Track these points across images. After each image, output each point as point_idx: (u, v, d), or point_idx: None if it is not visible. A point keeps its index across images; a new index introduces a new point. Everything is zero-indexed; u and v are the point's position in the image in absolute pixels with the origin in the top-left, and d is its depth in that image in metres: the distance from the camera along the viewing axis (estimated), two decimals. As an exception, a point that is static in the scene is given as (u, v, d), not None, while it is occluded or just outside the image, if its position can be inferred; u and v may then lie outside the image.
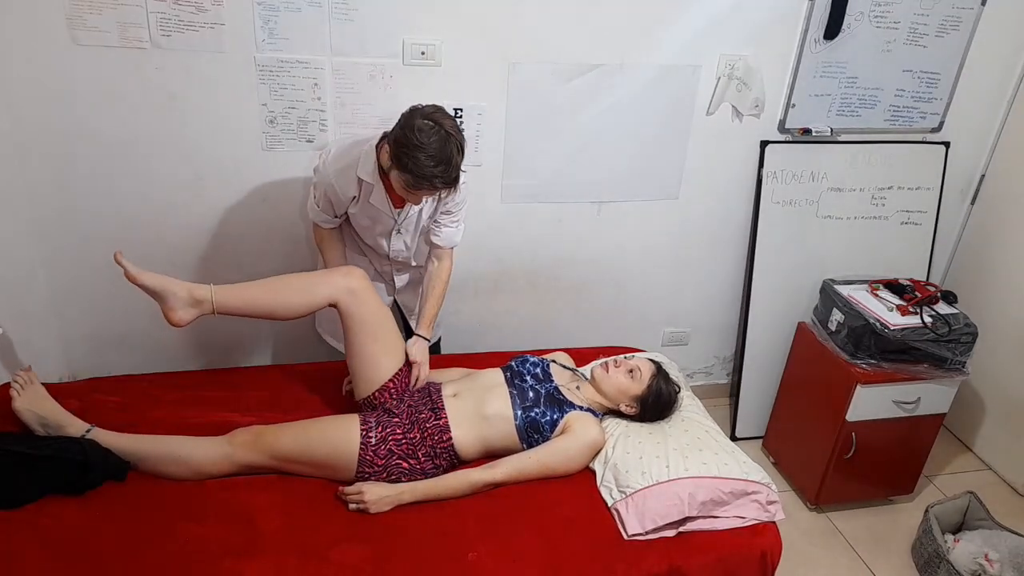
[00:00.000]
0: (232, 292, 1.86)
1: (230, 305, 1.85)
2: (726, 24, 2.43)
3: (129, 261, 1.76)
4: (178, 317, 1.81)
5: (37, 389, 1.84)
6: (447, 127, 1.76)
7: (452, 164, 1.76)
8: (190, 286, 1.82)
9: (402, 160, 1.75)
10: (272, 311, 1.91)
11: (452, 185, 1.81)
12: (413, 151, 1.73)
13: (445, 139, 1.74)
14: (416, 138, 1.72)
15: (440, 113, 1.78)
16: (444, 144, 1.74)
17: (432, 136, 1.73)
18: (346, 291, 1.93)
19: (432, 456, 1.89)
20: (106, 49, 2.05)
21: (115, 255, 1.76)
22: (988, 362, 2.85)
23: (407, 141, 1.74)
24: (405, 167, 1.75)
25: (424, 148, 1.72)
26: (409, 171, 1.75)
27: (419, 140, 1.72)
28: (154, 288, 1.79)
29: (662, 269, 2.85)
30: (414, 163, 1.73)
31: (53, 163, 2.16)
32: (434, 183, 1.77)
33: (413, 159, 1.73)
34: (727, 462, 1.90)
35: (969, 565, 2.27)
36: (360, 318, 1.95)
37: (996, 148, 2.89)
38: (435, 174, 1.74)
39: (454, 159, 1.76)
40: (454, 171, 1.78)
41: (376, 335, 1.98)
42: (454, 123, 1.79)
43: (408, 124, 1.75)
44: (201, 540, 1.64)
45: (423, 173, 1.74)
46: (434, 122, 1.75)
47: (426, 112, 1.77)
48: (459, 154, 1.78)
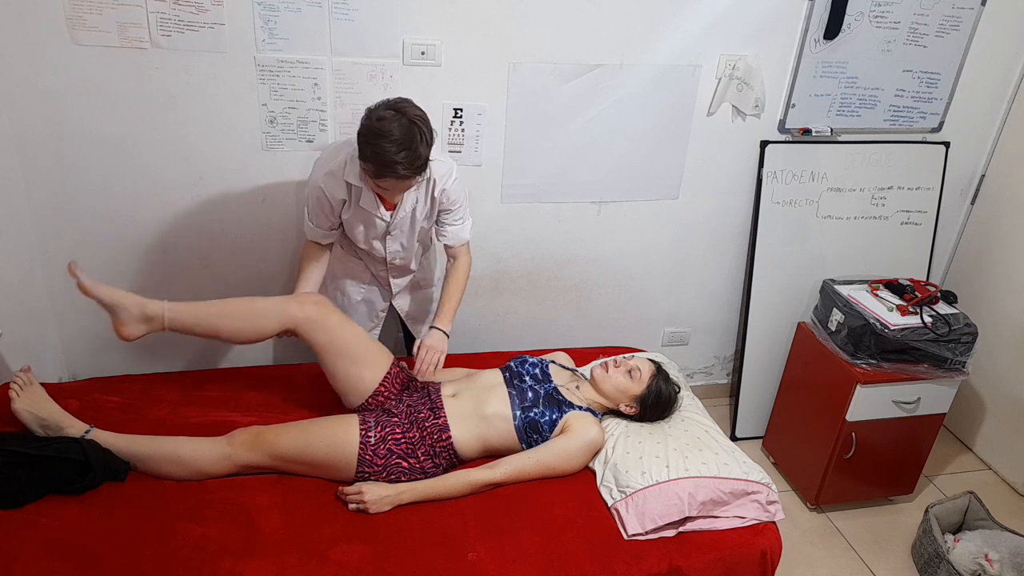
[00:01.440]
0: (184, 311, 1.88)
1: (181, 324, 1.88)
2: (726, 24, 2.43)
3: (83, 273, 1.79)
4: (128, 331, 1.84)
5: (36, 390, 1.84)
6: (410, 115, 1.74)
7: (414, 150, 1.73)
8: (143, 302, 1.84)
9: (364, 150, 1.75)
10: (221, 334, 1.91)
11: (418, 172, 1.78)
12: (374, 139, 1.72)
13: (407, 126, 1.72)
14: (377, 126, 1.72)
15: (405, 103, 1.78)
16: (406, 130, 1.72)
17: (393, 123, 1.71)
18: (303, 320, 1.91)
19: (431, 456, 1.89)
20: (106, 49, 2.05)
21: (69, 265, 1.79)
22: (988, 362, 2.85)
23: (368, 130, 1.73)
24: (367, 156, 1.75)
25: (385, 135, 1.70)
26: (370, 159, 1.74)
27: (380, 128, 1.71)
28: (106, 301, 1.82)
29: (662, 269, 2.85)
30: (374, 150, 1.72)
31: (53, 163, 2.16)
32: (396, 170, 1.73)
33: (373, 146, 1.72)
34: (727, 462, 1.90)
35: (969, 565, 2.27)
36: (325, 344, 1.93)
37: (996, 148, 2.89)
38: (397, 160, 1.72)
39: (417, 146, 1.73)
40: (417, 157, 1.75)
41: (349, 354, 1.96)
42: (419, 112, 1.77)
43: (370, 114, 1.75)
44: (201, 540, 1.64)
45: (384, 160, 1.72)
46: (396, 110, 1.74)
47: (390, 103, 1.77)
48: (422, 141, 1.75)
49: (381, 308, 2.32)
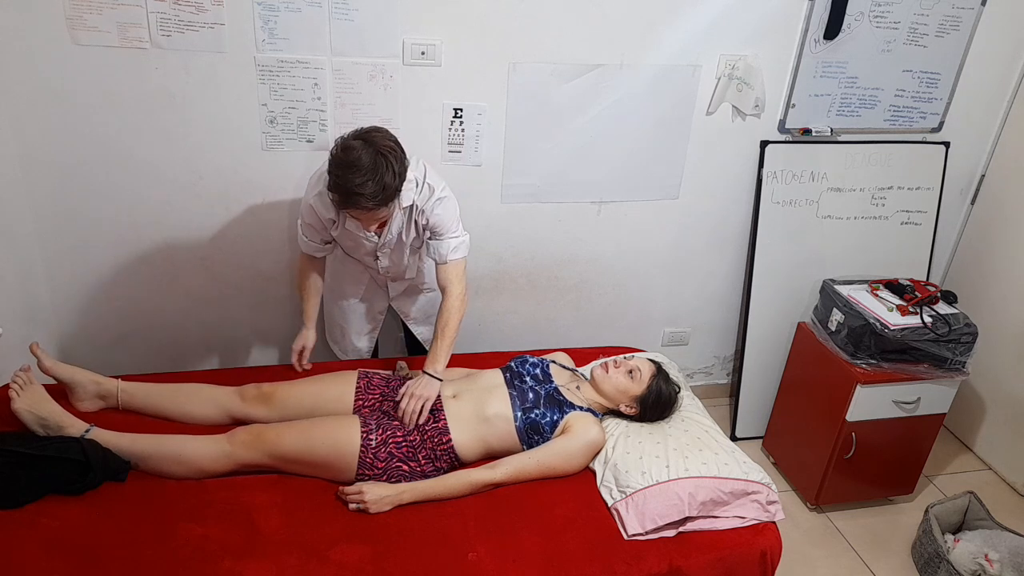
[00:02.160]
0: (138, 393, 1.96)
1: (134, 406, 1.96)
2: (726, 24, 2.43)
3: (44, 353, 1.90)
4: (83, 407, 1.92)
5: (36, 389, 1.84)
6: (378, 145, 1.71)
7: (379, 181, 1.69)
8: (99, 380, 1.94)
9: (332, 180, 1.72)
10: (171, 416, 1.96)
11: (384, 204, 1.74)
12: (340, 169, 1.70)
13: (374, 156, 1.69)
14: (343, 156, 1.70)
15: (376, 132, 1.75)
16: (373, 161, 1.69)
17: (360, 152, 1.69)
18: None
19: (432, 459, 1.89)
20: (106, 49, 2.05)
21: (31, 347, 1.88)
22: (988, 362, 2.85)
23: (335, 160, 1.72)
24: (332, 187, 1.73)
25: (350, 166, 1.68)
26: (335, 190, 1.72)
27: (346, 158, 1.69)
28: (63, 379, 1.91)
29: (662, 269, 2.85)
30: (337, 181, 1.70)
31: (53, 163, 2.16)
32: (360, 201, 1.70)
33: (338, 177, 1.70)
34: (727, 462, 1.90)
35: (969, 565, 2.27)
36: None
37: (996, 148, 2.89)
38: (361, 192, 1.68)
39: (383, 176, 1.69)
40: (384, 188, 1.70)
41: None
42: (390, 143, 1.74)
43: (339, 145, 1.74)
44: (201, 540, 1.64)
45: (348, 190, 1.69)
46: (365, 140, 1.72)
47: (360, 132, 1.75)
48: (389, 171, 1.71)
49: (380, 310, 2.33)
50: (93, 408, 1.94)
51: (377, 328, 2.36)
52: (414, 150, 2.37)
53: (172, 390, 1.99)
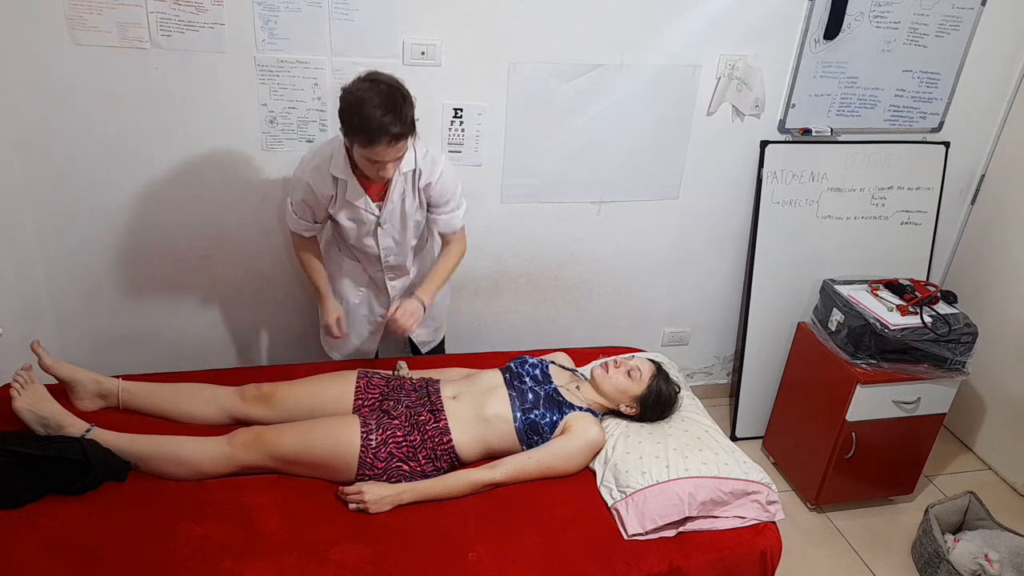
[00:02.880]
0: (138, 393, 1.96)
1: (135, 405, 1.96)
2: (726, 24, 2.43)
3: (44, 351, 1.90)
4: (83, 406, 1.93)
5: (37, 388, 1.84)
6: (384, 80, 1.77)
7: (399, 111, 1.74)
8: (99, 379, 1.94)
9: (351, 123, 1.75)
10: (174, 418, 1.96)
11: (407, 133, 1.78)
12: (357, 107, 1.73)
13: (386, 91, 1.75)
14: (357, 96, 1.73)
15: (376, 73, 1.80)
16: (387, 95, 1.74)
17: (371, 90, 1.74)
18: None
19: (433, 459, 1.89)
20: (106, 49, 2.05)
21: (32, 345, 1.89)
22: (988, 362, 2.85)
23: (350, 106, 1.74)
24: (355, 128, 1.74)
25: (367, 101, 1.72)
26: (358, 129, 1.74)
27: (361, 96, 1.73)
28: (64, 378, 1.92)
29: (662, 269, 2.85)
30: (360, 119, 1.72)
31: (53, 163, 2.16)
32: (388, 130, 1.73)
33: (359, 115, 1.72)
34: (727, 462, 1.90)
35: (969, 565, 2.27)
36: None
37: (996, 148, 2.89)
38: (385, 122, 1.72)
39: (401, 106, 1.75)
40: (404, 117, 1.75)
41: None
42: (393, 78, 1.80)
43: (347, 91, 1.77)
44: (201, 540, 1.64)
45: (372, 125, 1.72)
46: (371, 80, 1.76)
47: (362, 76, 1.79)
48: (405, 102, 1.76)
49: (380, 314, 2.30)
50: (93, 407, 1.94)
51: (379, 332, 2.34)
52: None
53: (172, 390, 1.99)
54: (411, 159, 1.97)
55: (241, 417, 1.96)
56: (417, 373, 2.17)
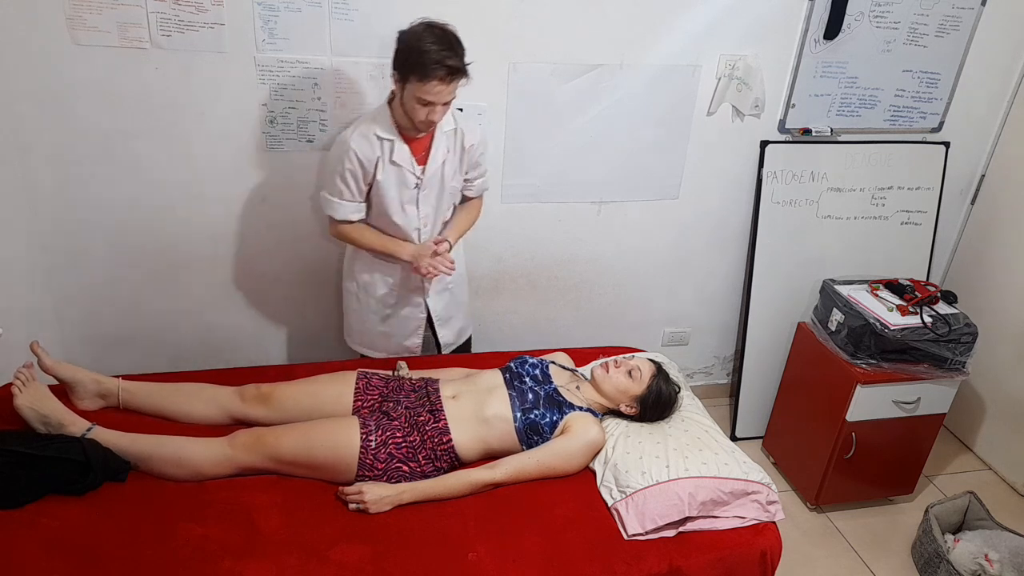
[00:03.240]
0: (139, 393, 1.97)
1: (135, 405, 1.96)
2: (726, 24, 2.43)
3: (44, 352, 1.90)
4: (84, 406, 1.92)
5: (38, 387, 1.84)
6: (440, 24, 1.87)
7: (456, 49, 1.85)
8: (99, 379, 1.94)
9: (407, 61, 1.84)
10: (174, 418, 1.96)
11: (462, 69, 1.86)
12: (417, 42, 1.82)
13: (441, 32, 1.85)
14: (416, 33, 1.84)
15: (429, 19, 1.89)
16: (444, 35, 1.85)
17: (427, 30, 1.84)
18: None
19: (432, 459, 1.89)
20: (106, 49, 2.05)
21: (31, 345, 1.89)
22: (988, 362, 2.85)
23: (408, 44, 1.84)
24: (413, 66, 1.83)
25: (424, 38, 1.82)
26: (417, 65, 1.82)
27: (419, 34, 1.83)
28: (64, 378, 1.92)
29: (662, 269, 2.85)
30: (418, 55, 1.81)
31: (53, 163, 2.16)
32: (445, 64, 1.81)
33: (417, 52, 1.82)
34: (727, 462, 1.90)
35: (969, 565, 2.27)
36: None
37: (996, 148, 2.89)
38: (443, 57, 1.81)
39: (455, 44, 1.85)
40: (460, 56, 1.85)
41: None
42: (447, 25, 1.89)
43: (402, 34, 1.87)
44: (201, 540, 1.64)
45: (430, 59, 1.81)
46: (425, 23, 1.87)
47: (416, 22, 1.88)
48: (459, 43, 1.87)
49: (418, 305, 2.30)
50: (94, 407, 1.94)
51: (421, 326, 2.35)
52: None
53: (172, 390, 1.99)
54: (451, 119, 2.08)
55: (240, 417, 1.96)
56: (417, 373, 2.17)
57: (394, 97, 2.00)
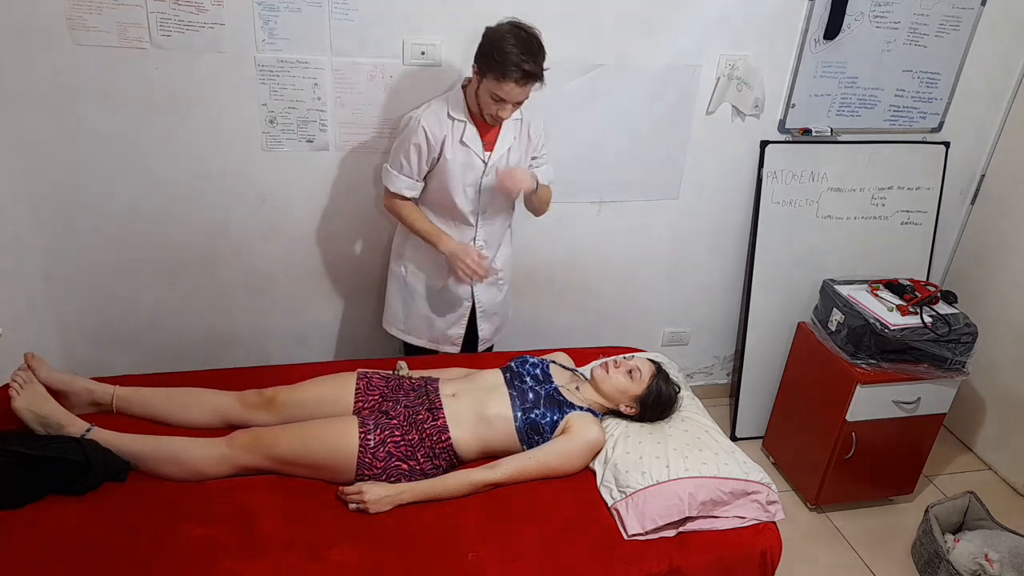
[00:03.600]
0: (134, 400, 1.96)
1: (131, 412, 1.96)
2: (726, 24, 2.43)
3: (38, 361, 1.89)
4: (78, 413, 1.90)
5: (37, 388, 1.84)
6: (525, 28, 1.93)
7: (535, 53, 1.91)
8: (92, 389, 1.94)
9: (488, 58, 1.91)
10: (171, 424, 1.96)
11: (539, 74, 1.92)
12: (499, 44, 1.89)
13: (525, 36, 1.91)
14: (500, 33, 1.91)
15: (518, 21, 1.95)
16: (527, 39, 1.91)
17: (512, 32, 1.90)
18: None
19: (431, 457, 1.89)
20: (106, 49, 2.05)
21: (25, 356, 1.88)
22: (988, 362, 2.85)
23: (491, 41, 1.91)
24: (492, 64, 1.90)
25: (507, 39, 1.89)
26: (496, 64, 1.89)
27: (503, 34, 1.90)
28: (58, 388, 1.90)
29: (662, 269, 2.85)
30: (500, 55, 1.88)
31: (53, 163, 2.16)
32: (522, 67, 1.88)
33: (499, 51, 1.88)
34: (727, 462, 1.90)
35: (969, 565, 2.27)
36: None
37: (996, 148, 2.89)
38: (522, 61, 1.88)
39: (537, 50, 1.91)
40: (539, 60, 1.91)
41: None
42: (534, 28, 1.94)
43: (489, 30, 1.94)
44: (201, 540, 1.64)
45: (510, 61, 1.87)
46: (513, 24, 1.93)
47: (504, 21, 1.95)
48: (540, 50, 1.93)
49: (465, 295, 2.33)
50: (88, 413, 1.93)
51: (465, 316, 2.37)
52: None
53: (168, 396, 1.98)
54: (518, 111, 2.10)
55: (240, 423, 1.95)
56: (417, 373, 2.17)
57: (469, 83, 2.07)
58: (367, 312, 2.66)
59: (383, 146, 2.36)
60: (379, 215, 2.48)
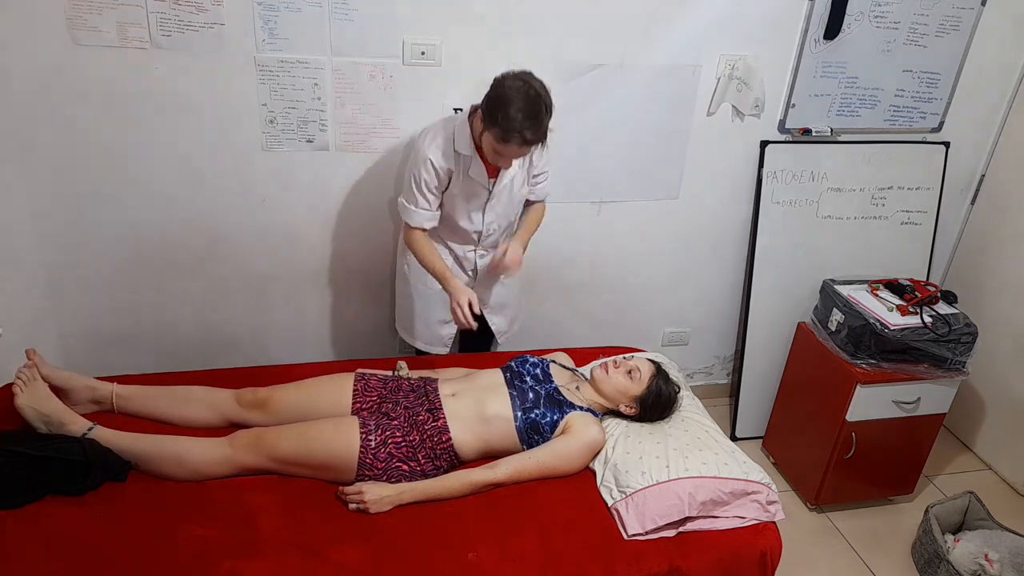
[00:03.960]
0: (134, 397, 1.96)
1: (131, 410, 1.96)
2: (726, 24, 2.43)
3: (39, 358, 1.88)
4: (79, 411, 1.90)
5: (40, 386, 1.84)
6: (536, 87, 1.87)
7: (540, 119, 1.87)
8: (93, 386, 1.94)
9: (493, 116, 1.87)
10: (170, 422, 1.96)
11: (540, 140, 1.90)
12: (504, 106, 1.84)
13: (535, 97, 1.85)
14: (506, 94, 1.85)
15: (529, 75, 1.90)
16: (534, 101, 1.85)
17: (521, 93, 1.85)
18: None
19: (432, 458, 1.89)
20: (106, 49, 2.05)
21: (27, 352, 1.87)
22: (988, 362, 2.85)
23: (498, 98, 1.86)
24: (495, 122, 1.86)
25: (514, 102, 1.84)
26: (499, 125, 1.86)
27: (509, 96, 1.84)
28: (59, 386, 1.89)
29: (662, 269, 2.85)
30: (504, 117, 1.84)
31: (53, 163, 2.16)
32: (524, 135, 1.85)
33: (503, 113, 1.84)
34: (727, 462, 1.90)
35: (969, 565, 2.27)
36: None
37: (996, 148, 2.89)
38: (524, 127, 1.84)
39: (542, 116, 1.87)
40: (542, 127, 1.88)
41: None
42: (543, 85, 1.90)
43: (499, 84, 1.89)
44: (201, 540, 1.64)
45: (512, 126, 1.84)
46: (523, 81, 1.87)
47: (516, 74, 1.89)
48: (547, 112, 1.89)
49: None
50: (88, 412, 1.93)
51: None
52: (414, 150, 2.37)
53: (168, 395, 1.98)
54: None
55: (238, 421, 1.96)
56: (416, 373, 2.17)
57: (476, 113, 2.01)
58: (367, 312, 2.66)
59: (383, 146, 2.36)
60: (378, 215, 2.48)
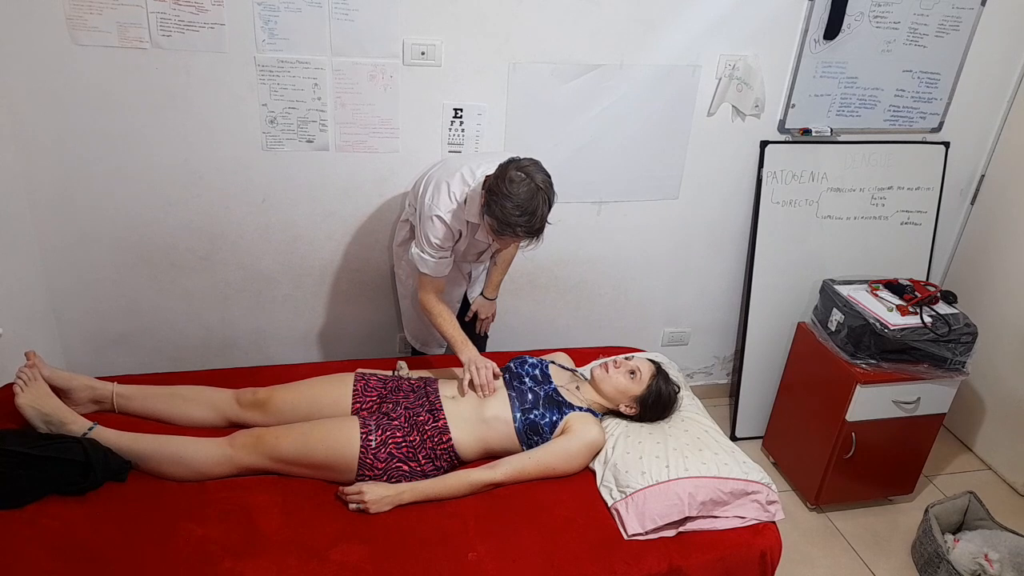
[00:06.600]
0: (135, 397, 1.96)
1: (131, 409, 1.97)
2: (726, 24, 2.43)
3: (39, 360, 1.87)
4: (80, 411, 1.90)
5: (40, 386, 1.84)
6: (538, 181, 1.85)
7: (536, 215, 1.85)
8: (94, 386, 1.94)
9: (491, 206, 1.86)
10: (171, 422, 1.96)
11: (535, 235, 1.90)
12: (501, 199, 1.83)
13: (534, 192, 1.84)
14: (506, 188, 1.83)
15: (534, 167, 1.88)
16: (532, 196, 1.83)
17: (522, 187, 1.83)
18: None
19: (433, 458, 1.89)
20: (106, 49, 2.05)
21: (27, 354, 1.87)
22: (988, 362, 2.85)
23: (497, 190, 1.84)
24: (492, 213, 1.86)
25: (511, 198, 1.82)
26: (495, 217, 1.86)
27: (508, 190, 1.82)
28: (59, 385, 1.89)
29: (662, 269, 2.85)
30: (500, 210, 1.84)
31: (53, 163, 2.17)
32: (516, 231, 1.86)
33: (500, 207, 1.83)
34: (727, 462, 1.90)
35: (969, 565, 2.27)
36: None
37: (996, 148, 2.89)
38: (518, 223, 1.84)
39: (539, 211, 1.85)
40: (538, 223, 1.87)
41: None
42: (547, 178, 1.88)
43: (502, 174, 1.86)
44: (201, 540, 1.64)
45: (507, 221, 1.84)
46: (526, 174, 1.85)
47: (521, 164, 1.87)
48: (545, 206, 1.87)
49: (458, 298, 2.43)
50: (88, 412, 1.93)
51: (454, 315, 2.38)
52: (415, 150, 2.38)
53: (168, 395, 1.99)
54: None
55: (238, 421, 1.96)
56: (416, 373, 2.17)
57: None
58: (367, 312, 2.67)
59: (383, 146, 2.36)
60: (378, 215, 2.48)
